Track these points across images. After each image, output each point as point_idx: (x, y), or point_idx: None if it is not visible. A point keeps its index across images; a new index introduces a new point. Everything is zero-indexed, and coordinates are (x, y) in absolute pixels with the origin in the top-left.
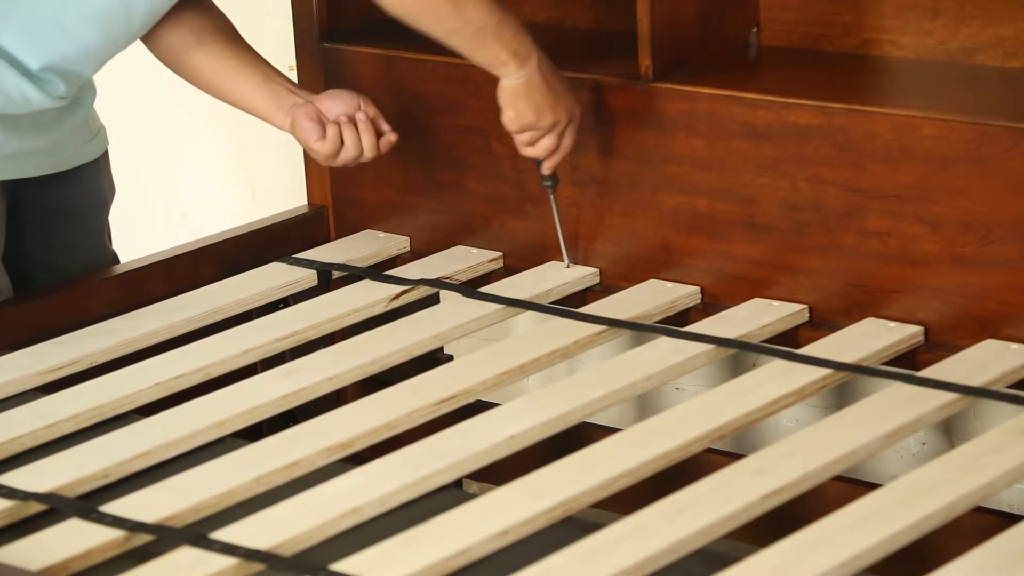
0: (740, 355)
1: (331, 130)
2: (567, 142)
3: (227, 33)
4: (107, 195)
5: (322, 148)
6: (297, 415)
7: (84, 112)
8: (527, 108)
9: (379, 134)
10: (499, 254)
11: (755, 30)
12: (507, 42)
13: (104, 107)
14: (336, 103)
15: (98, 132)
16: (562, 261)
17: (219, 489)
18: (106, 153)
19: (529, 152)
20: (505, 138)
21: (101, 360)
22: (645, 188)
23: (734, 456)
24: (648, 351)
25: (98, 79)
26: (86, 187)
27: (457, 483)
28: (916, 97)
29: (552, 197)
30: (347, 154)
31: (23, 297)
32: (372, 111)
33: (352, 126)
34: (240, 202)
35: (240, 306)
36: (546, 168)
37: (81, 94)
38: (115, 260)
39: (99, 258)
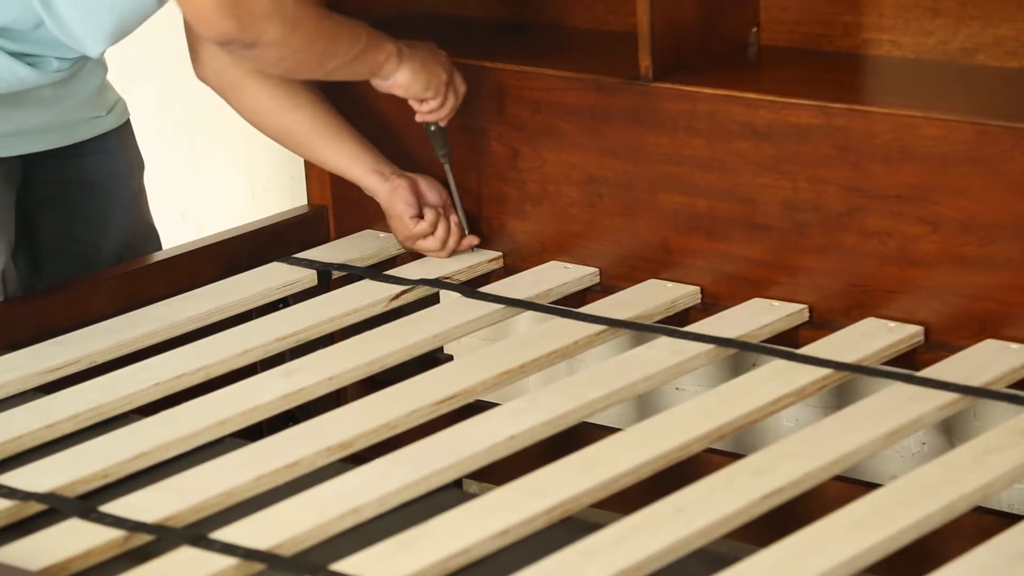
0: (740, 355)
1: (430, 214)
2: (461, 90)
3: (318, 95)
4: (132, 165)
5: (415, 226)
6: (297, 415)
7: (90, 86)
8: (423, 85)
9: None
10: (499, 254)
11: (755, 30)
12: (377, 57)
13: None
14: (432, 191)
15: (114, 105)
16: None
17: (219, 489)
18: (128, 124)
19: (434, 115)
20: (505, 138)
21: (101, 360)
22: (645, 188)
23: (734, 456)
24: (648, 351)
25: None
26: (105, 158)
27: (457, 483)
28: (916, 97)
29: (448, 167)
30: (430, 243)
31: (23, 297)
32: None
33: (447, 220)
34: (240, 202)
35: (240, 306)
36: (443, 122)
37: (84, 69)
38: (154, 232)
39: (133, 230)
